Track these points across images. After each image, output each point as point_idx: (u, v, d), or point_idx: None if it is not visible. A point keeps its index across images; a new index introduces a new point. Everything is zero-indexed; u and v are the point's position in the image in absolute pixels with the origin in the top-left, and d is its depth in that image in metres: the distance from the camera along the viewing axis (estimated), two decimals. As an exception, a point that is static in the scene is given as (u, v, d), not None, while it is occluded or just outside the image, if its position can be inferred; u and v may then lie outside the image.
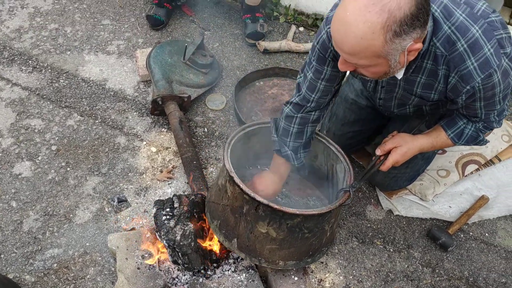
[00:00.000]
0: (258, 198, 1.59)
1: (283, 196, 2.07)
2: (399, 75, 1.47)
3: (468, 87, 1.46)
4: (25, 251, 1.98)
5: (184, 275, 1.83)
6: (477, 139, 1.74)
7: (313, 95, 1.75)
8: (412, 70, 1.54)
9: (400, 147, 1.69)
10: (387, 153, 1.72)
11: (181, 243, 1.76)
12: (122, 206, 2.13)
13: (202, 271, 1.83)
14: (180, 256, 1.78)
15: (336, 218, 1.79)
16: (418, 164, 2.10)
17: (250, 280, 1.82)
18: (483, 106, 1.57)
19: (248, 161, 2.05)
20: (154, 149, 2.35)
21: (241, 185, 1.62)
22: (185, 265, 1.80)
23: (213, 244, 1.85)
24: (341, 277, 2.00)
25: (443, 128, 1.75)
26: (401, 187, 2.20)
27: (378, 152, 1.72)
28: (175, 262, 1.82)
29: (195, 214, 1.86)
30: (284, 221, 1.64)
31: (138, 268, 1.83)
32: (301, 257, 1.79)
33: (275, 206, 1.58)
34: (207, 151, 2.38)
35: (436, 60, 1.47)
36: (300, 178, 2.11)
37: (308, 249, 1.77)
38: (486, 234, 2.22)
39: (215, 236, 1.83)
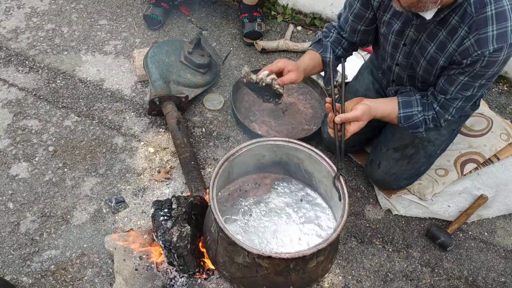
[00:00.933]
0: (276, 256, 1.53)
1: (253, 207, 1.92)
2: (428, 15, 1.52)
3: (479, 52, 1.52)
4: (22, 252, 1.97)
5: (181, 277, 1.82)
6: (417, 128, 1.81)
7: (346, 26, 1.94)
8: (438, 22, 1.60)
9: (362, 122, 1.68)
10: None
11: (177, 245, 1.75)
12: (120, 207, 2.12)
13: (198, 273, 1.82)
14: (176, 257, 1.77)
15: None
16: (420, 161, 2.10)
17: (248, 281, 1.81)
18: (463, 83, 1.65)
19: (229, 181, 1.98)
20: (151, 150, 2.34)
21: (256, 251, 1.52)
22: (181, 267, 1.78)
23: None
24: (340, 277, 2.00)
25: (398, 105, 1.79)
26: (401, 186, 2.19)
27: (338, 120, 1.66)
28: (170, 263, 1.81)
29: (193, 216, 1.84)
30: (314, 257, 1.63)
31: (136, 269, 1.82)
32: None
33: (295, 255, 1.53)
34: (205, 151, 2.37)
35: (462, 18, 1.54)
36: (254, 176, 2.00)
37: (333, 257, 1.79)
38: (485, 234, 2.21)
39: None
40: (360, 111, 1.68)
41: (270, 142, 1.82)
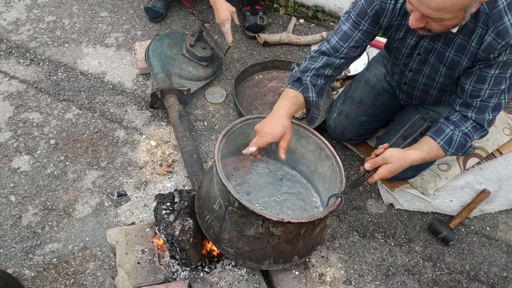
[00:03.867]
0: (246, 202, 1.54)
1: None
2: (455, 29, 1.59)
3: (503, 43, 1.56)
4: (25, 245, 1.97)
5: (184, 271, 1.82)
6: (465, 146, 1.78)
7: (344, 45, 1.83)
8: None
9: (390, 164, 1.68)
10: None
11: (180, 238, 1.75)
12: (122, 200, 2.12)
13: (200, 267, 1.82)
14: (178, 251, 1.77)
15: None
16: None
17: (251, 275, 1.81)
18: (495, 76, 1.65)
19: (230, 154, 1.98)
20: (153, 143, 2.34)
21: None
22: (183, 261, 1.79)
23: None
24: (342, 271, 2.00)
25: (432, 137, 1.77)
26: (406, 177, 2.18)
27: (368, 166, 1.70)
28: (173, 257, 1.82)
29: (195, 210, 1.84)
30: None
31: (138, 263, 1.82)
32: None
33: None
34: (207, 144, 2.36)
35: (477, 18, 1.59)
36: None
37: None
38: (487, 228, 2.21)
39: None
40: (387, 152, 1.69)
41: (260, 119, 1.84)
